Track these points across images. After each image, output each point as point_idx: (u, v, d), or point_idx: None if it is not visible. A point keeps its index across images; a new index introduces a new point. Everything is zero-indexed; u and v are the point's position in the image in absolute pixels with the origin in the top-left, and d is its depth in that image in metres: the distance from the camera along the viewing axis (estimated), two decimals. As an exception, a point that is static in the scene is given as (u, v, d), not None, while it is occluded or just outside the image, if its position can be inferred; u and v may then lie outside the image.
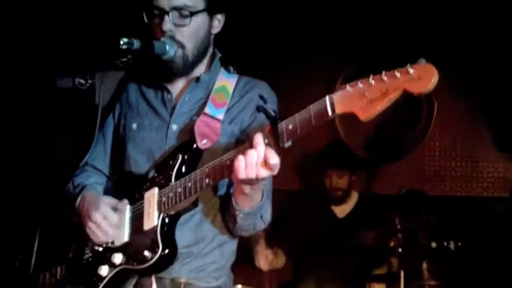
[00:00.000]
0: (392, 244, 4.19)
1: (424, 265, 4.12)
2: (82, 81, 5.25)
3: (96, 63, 5.02)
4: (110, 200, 2.26)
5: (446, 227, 4.27)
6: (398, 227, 4.16)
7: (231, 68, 2.40)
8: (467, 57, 4.70)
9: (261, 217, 2.15)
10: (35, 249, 2.29)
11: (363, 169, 4.86)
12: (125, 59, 2.10)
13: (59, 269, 2.39)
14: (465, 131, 4.90)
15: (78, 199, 2.33)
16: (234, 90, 2.31)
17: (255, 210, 2.08)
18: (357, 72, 5.02)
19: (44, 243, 2.34)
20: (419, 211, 4.25)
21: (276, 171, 1.86)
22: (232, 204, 2.08)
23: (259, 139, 1.83)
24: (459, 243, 4.02)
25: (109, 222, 2.20)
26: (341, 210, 4.59)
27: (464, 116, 4.87)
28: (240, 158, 1.84)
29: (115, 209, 2.23)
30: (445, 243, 4.03)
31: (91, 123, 2.26)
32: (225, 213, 2.22)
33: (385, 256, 4.31)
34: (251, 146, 1.85)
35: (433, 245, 4.06)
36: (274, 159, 1.82)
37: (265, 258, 4.27)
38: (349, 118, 1.70)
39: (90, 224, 2.21)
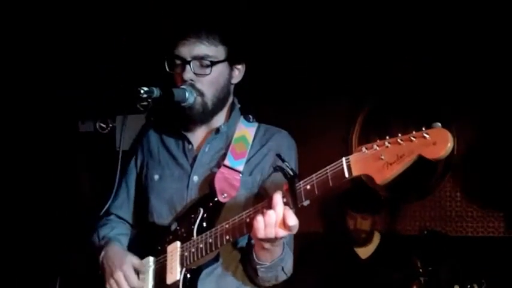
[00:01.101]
0: (414, 287, 4.13)
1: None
2: (103, 125, 5.39)
3: (116, 107, 5.13)
4: (133, 260, 2.26)
5: (470, 269, 4.20)
6: (421, 270, 4.10)
7: (250, 117, 2.41)
8: (490, 93, 4.67)
9: (283, 269, 2.15)
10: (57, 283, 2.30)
11: (385, 210, 4.83)
12: (145, 103, 2.11)
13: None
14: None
15: (102, 253, 2.34)
16: (253, 140, 2.32)
17: (276, 263, 2.09)
18: (375, 109, 5.06)
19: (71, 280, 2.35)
20: (441, 253, 4.20)
21: (294, 231, 1.90)
22: (254, 258, 2.09)
23: (278, 199, 1.86)
24: (483, 286, 3.95)
25: (130, 283, 2.21)
26: (364, 252, 4.56)
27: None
28: (259, 219, 1.88)
29: (137, 270, 2.24)
30: (468, 287, 3.96)
31: (112, 168, 2.29)
32: (247, 265, 2.23)
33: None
34: (270, 206, 1.88)
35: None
36: (293, 220, 1.85)
37: None
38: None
39: (111, 282, 2.23)
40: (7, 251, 5.05)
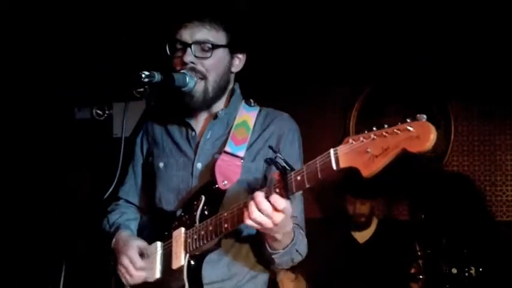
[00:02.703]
0: (413, 271, 4.15)
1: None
2: (100, 112, 5.37)
3: (113, 94, 5.11)
4: (139, 244, 2.30)
5: (467, 252, 4.22)
6: (419, 253, 4.13)
7: (251, 101, 2.40)
8: (486, 82, 4.69)
9: (297, 250, 2.16)
10: (61, 282, 2.31)
11: (383, 195, 4.85)
12: (141, 89, 2.11)
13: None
14: (483, 155, 4.87)
15: (113, 241, 2.38)
16: (254, 125, 2.32)
17: (290, 248, 2.10)
18: (373, 96, 5.07)
19: (73, 275, 2.37)
20: (439, 237, 4.22)
21: (289, 213, 1.91)
22: (267, 248, 2.11)
23: (259, 197, 1.87)
24: (480, 269, 3.98)
25: (134, 266, 2.24)
26: (362, 236, 4.60)
27: (482, 141, 4.85)
28: (248, 220, 1.90)
29: (142, 253, 2.27)
30: (466, 269, 3.99)
31: (109, 154, 2.28)
32: (261, 254, 2.23)
33: (406, 282, 4.27)
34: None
35: (454, 271, 4.02)
36: (282, 204, 1.86)
37: (288, 280, 4.32)
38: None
39: (120, 268, 2.28)
40: (8, 239, 5.05)
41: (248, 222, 1.90)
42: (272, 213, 1.86)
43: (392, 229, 4.59)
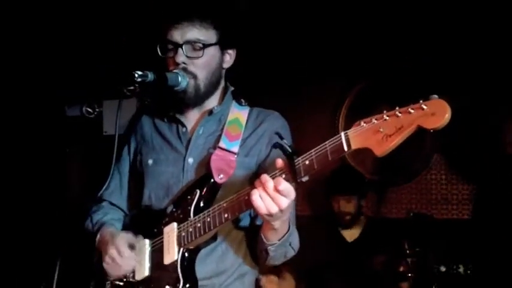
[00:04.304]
0: (401, 269, 4.17)
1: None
2: (89, 109, 5.36)
3: (103, 92, 5.10)
4: (125, 235, 2.29)
5: (456, 251, 4.25)
6: (408, 251, 4.15)
7: (242, 101, 2.43)
8: (474, 78, 4.71)
9: (290, 244, 2.18)
10: (55, 279, 2.31)
11: (371, 193, 4.87)
12: (132, 87, 2.13)
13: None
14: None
15: (98, 236, 2.38)
16: (247, 122, 2.35)
17: (285, 239, 2.11)
18: (360, 96, 5.10)
19: (67, 272, 2.37)
20: (427, 235, 4.24)
21: (293, 196, 1.90)
22: (263, 240, 2.11)
23: (264, 177, 1.88)
24: (469, 267, 4.00)
25: (123, 256, 2.23)
26: (350, 234, 4.60)
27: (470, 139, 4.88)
28: (255, 195, 1.89)
29: (131, 245, 2.26)
30: (454, 267, 4.01)
31: (99, 152, 2.29)
32: (255, 247, 2.25)
33: (395, 281, 4.29)
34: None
35: (442, 269, 4.04)
36: (282, 184, 1.86)
37: (271, 283, 4.30)
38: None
39: (107, 259, 2.25)
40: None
41: (256, 203, 1.89)
42: (278, 197, 1.87)
43: (381, 227, 4.60)
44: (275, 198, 1.87)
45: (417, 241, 4.18)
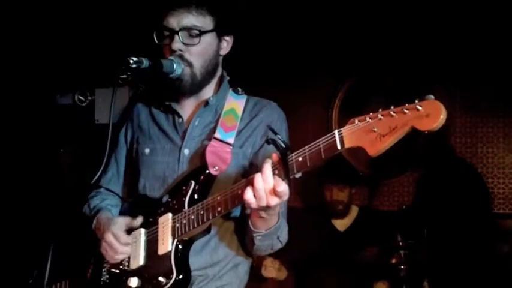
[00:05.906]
0: (394, 261, 4.17)
1: (426, 283, 4.11)
2: (81, 98, 5.32)
3: (95, 80, 5.06)
4: (121, 220, 2.29)
5: (449, 243, 4.26)
6: (401, 243, 4.15)
7: (239, 89, 2.40)
8: (475, 71, 4.72)
9: (278, 237, 2.16)
10: (48, 266, 2.30)
11: (363, 183, 4.87)
12: (124, 76, 2.11)
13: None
14: (465, 147, 4.90)
15: (94, 222, 2.38)
16: (243, 112, 2.33)
17: (272, 231, 2.10)
18: (353, 89, 5.10)
19: (59, 260, 2.35)
20: (420, 228, 4.24)
21: (285, 198, 1.90)
22: (250, 226, 2.10)
23: (267, 168, 1.86)
24: (461, 259, 4.02)
25: (119, 241, 2.23)
26: (341, 224, 4.61)
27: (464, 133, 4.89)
28: (249, 189, 1.88)
29: (127, 229, 2.26)
30: (447, 260, 4.02)
31: (91, 140, 2.27)
32: (243, 235, 2.25)
33: (387, 273, 4.29)
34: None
35: (435, 262, 4.05)
36: (282, 186, 1.85)
37: (272, 267, 4.32)
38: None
39: (104, 244, 2.26)
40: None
41: (248, 201, 1.88)
42: (271, 197, 1.86)
43: (374, 219, 4.61)
44: (268, 197, 1.87)
45: (410, 234, 4.19)
